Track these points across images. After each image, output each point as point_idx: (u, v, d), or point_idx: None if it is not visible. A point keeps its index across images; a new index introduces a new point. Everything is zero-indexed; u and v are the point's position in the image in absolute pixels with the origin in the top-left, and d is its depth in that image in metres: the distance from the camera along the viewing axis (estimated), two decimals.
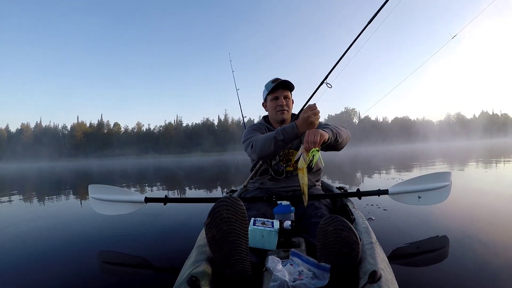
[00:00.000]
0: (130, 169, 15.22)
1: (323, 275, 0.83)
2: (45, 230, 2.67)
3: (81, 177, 11.03)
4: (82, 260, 1.85)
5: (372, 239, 1.06)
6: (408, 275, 1.37)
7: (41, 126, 79.23)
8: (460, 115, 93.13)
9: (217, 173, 9.70)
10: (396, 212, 2.48)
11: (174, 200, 1.71)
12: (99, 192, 1.81)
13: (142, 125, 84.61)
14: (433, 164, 7.90)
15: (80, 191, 5.83)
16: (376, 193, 1.61)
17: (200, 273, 0.84)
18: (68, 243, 2.26)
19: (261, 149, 1.41)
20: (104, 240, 2.27)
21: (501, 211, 2.50)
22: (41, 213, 3.65)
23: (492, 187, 3.90)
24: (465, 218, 2.32)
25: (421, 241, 1.82)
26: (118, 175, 10.90)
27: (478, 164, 7.10)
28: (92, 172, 14.38)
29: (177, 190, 5.46)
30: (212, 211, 0.86)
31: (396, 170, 6.85)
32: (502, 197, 3.13)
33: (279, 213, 1.26)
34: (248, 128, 1.68)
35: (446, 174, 1.71)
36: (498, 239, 1.80)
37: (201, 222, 0.98)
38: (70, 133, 78.44)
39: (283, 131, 1.34)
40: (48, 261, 1.85)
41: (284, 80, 1.59)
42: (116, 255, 1.94)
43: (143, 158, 58.52)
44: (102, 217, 2.65)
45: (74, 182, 8.56)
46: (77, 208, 4.05)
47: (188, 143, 76.48)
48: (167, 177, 9.29)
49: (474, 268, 1.41)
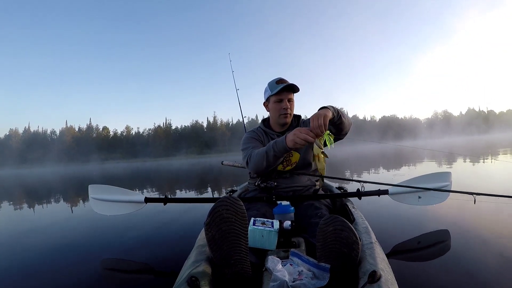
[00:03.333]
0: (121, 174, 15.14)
1: (323, 275, 0.83)
2: (43, 233, 2.68)
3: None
4: (81, 259, 1.86)
5: (372, 239, 1.06)
6: (409, 272, 1.37)
7: (29, 132, 78.91)
8: (447, 113, 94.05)
9: (197, 176, 9.68)
10: (396, 211, 2.47)
11: (174, 200, 1.71)
12: (99, 192, 1.81)
13: (131, 128, 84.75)
14: (421, 162, 7.88)
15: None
16: (376, 193, 1.61)
17: (200, 273, 0.84)
18: (68, 245, 2.26)
19: (256, 166, 1.43)
20: (104, 240, 2.27)
21: (502, 205, 2.50)
22: (40, 218, 3.66)
23: (492, 182, 3.89)
24: (465, 212, 2.32)
25: (422, 235, 1.82)
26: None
27: (464, 161, 7.10)
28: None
29: (177, 190, 5.45)
30: (212, 211, 0.86)
31: (387, 169, 6.85)
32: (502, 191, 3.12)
33: (279, 213, 1.26)
34: (246, 136, 1.65)
35: (446, 174, 1.72)
36: (499, 232, 1.80)
37: (201, 222, 0.98)
38: (59, 138, 78.16)
39: (274, 146, 1.33)
40: (47, 263, 1.85)
41: (290, 84, 1.54)
42: (116, 255, 1.95)
43: (132, 162, 58.27)
44: (102, 217, 2.65)
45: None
46: (77, 208, 4.05)
47: (177, 145, 76.57)
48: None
49: (476, 261, 1.40)
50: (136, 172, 15.45)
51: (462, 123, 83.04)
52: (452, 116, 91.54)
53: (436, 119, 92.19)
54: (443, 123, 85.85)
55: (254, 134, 1.64)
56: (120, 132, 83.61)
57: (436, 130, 79.66)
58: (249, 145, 1.55)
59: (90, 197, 1.82)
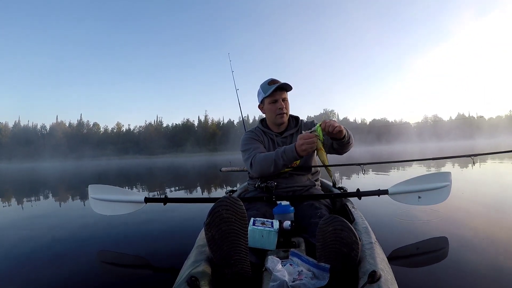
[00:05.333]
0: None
1: (322, 275, 0.83)
2: (43, 230, 2.67)
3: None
4: (81, 260, 1.85)
5: (371, 239, 1.06)
6: (408, 276, 1.37)
7: (19, 126, 78.49)
8: (437, 117, 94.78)
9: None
10: (396, 212, 2.48)
11: (173, 200, 1.71)
12: (98, 192, 1.81)
13: (122, 125, 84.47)
14: (410, 166, 7.88)
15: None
16: (376, 193, 1.60)
17: (199, 273, 0.84)
18: (67, 243, 2.26)
19: (261, 170, 1.45)
20: (104, 241, 2.27)
21: (501, 212, 2.50)
22: (40, 213, 3.65)
23: (490, 188, 3.90)
24: (464, 220, 2.32)
25: (421, 242, 1.82)
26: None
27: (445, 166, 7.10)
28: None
29: (177, 190, 5.45)
30: (211, 211, 0.86)
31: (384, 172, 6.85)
32: (500, 198, 3.13)
33: (278, 213, 1.26)
34: (245, 136, 1.65)
35: (446, 174, 1.71)
36: (497, 240, 1.81)
37: (200, 222, 0.98)
38: (49, 133, 77.66)
39: (283, 155, 1.37)
40: (48, 261, 1.85)
41: (282, 83, 1.55)
42: (115, 255, 1.94)
43: (123, 159, 58.08)
44: (101, 217, 2.65)
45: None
46: (76, 209, 4.05)
47: (167, 144, 76.39)
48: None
49: (473, 269, 1.41)
50: (133, 170, 15.43)
51: (452, 128, 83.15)
52: (442, 121, 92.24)
53: (426, 123, 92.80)
54: (433, 128, 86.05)
55: (253, 135, 1.64)
56: (111, 129, 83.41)
57: (425, 135, 79.67)
58: (251, 146, 1.55)
59: (90, 197, 1.82)
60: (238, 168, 2.82)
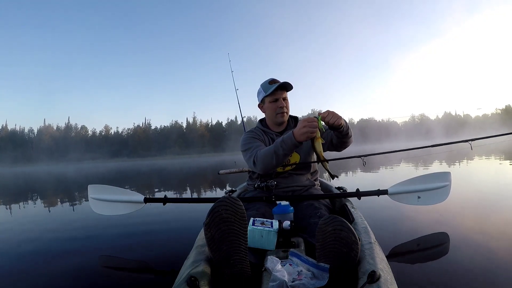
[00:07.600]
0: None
1: (322, 275, 0.83)
2: (42, 233, 2.67)
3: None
4: (81, 258, 1.85)
5: (371, 239, 1.06)
6: (408, 274, 1.37)
7: (7, 130, 77.48)
8: (424, 116, 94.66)
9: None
10: (396, 211, 2.48)
11: (173, 200, 1.70)
12: (98, 192, 1.81)
13: (110, 128, 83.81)
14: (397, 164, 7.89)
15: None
16: (376, 193, 1.60)
17: (199, 273, 0.84)
18: (67, 244, 2.26)
19: (264, 165, 1.42)
20: (104, 241, 2.27)
21: (500, 207, 2.51)
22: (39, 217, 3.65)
23: (491, 185, 3.90)
24: (464, 215, 2.33)
25: (421, 238, 1.82)
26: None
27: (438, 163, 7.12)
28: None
29: (177, 190, 5.45)
30: (211, 211, 0.86)
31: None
32: (499, 194, 3.13)
33: (278, 213, 1.26)
34: (245, 135, 1.65)
35: (445, 174, 1.71)
36: (498, 234, 1.81)
37: (200, 222, 0.98)
38: (37, 136, 76.79)
39: (282, 144, 1.34)
40: (47, 261, 1.85)
41: (283, 82, 1.55)
42: (115, 255, 1.94)
43: (111, 162, 57.84)
44: (101, 217, 2.65)
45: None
46: (75, 208, 4.05)
47: (156, 146, 76.17)
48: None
49: (474, 264, 1.41)
50: (133, 172, 15.43)
51: (439, 126, 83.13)
52: (429, 120, 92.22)
53: (413, 122, 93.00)
54: (419, 126, 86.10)
55: (253, 134, 1.64)
56: (99, 132, 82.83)
57: (412, 133, 79.77)
58: (252, 145, 1.55)
59: (89, 197, 1.82)
60: (237, 170, 2.81)
